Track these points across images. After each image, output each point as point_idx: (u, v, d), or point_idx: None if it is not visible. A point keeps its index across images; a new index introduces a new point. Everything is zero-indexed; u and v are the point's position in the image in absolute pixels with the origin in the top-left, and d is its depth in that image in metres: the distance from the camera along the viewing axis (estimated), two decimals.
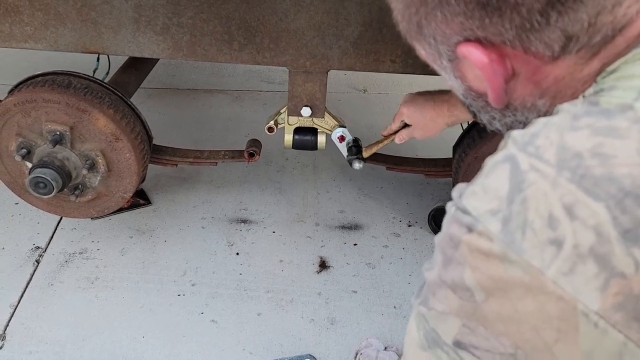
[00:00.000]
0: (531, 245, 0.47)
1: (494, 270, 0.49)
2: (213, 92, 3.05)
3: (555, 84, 0.60)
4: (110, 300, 1.76)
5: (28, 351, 1.59)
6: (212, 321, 1.71)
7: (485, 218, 0.50)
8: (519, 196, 0.48)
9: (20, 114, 1.68)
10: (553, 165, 0.48)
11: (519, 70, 0.60)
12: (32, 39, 1.61)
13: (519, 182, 0.49)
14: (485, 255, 0.50)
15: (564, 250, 0.46)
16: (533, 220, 0.47)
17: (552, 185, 0.47)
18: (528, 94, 0.62)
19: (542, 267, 0.47)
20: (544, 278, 0.47)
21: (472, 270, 0.51)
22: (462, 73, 0.65)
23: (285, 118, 1.78)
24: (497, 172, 0.52)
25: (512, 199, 0.49)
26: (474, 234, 0.51)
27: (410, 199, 2.27)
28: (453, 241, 0.53)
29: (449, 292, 0.54)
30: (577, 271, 0.46)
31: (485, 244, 0.50)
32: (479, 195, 0.52)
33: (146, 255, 1.94)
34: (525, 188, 0.48)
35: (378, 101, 3.03)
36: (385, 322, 1.73)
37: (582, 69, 0.58)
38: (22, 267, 1.86)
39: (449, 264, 0.54)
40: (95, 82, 1.73)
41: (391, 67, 1.62)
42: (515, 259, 0.48)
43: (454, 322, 0.54)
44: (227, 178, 2.34)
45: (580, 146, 0.48)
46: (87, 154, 1.72)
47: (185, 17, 1.55)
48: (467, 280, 0.52)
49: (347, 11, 1.52)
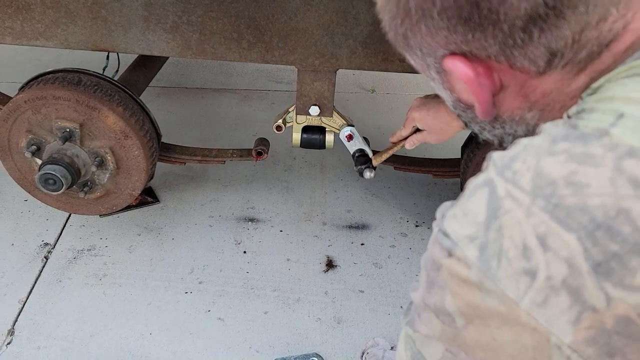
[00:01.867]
0: (506, 275, 0.47)
1: (471, 298, 0.49)
2: (222, 91, 3.06)
3: (543, 98, 0.60)
4: (118, 297, 1.77)
5: (36, 346, 1.60)
6: (219, 319, 1.71)
7: (463, 243, 0.50)
8: (495, 223, 0.48)
9: (31, 111, 1.69)
10: (528, 193, 0.47)
11: (507, 83, 0.60)
12: (43, 37, 1.62)
13: (496, 208, 0.49)
14: (464, 282, 0.50)
15: (537, 281, 0.46)
16: (508, 249, 0.47)
17: (526, 213, 0.47)
18: (517, 106, 0.62)
19: (517, 298, 0.46)
20: (519, 309, 0.47)
21: (452, 296, 0.51)
22: (451, 85, 0.65)
23: (293, 117, 1.78)
24: (477, 196, 0.51)
25: (488, 226, 0.49)
26: (454, 259, 0.50)
27: (418, 199, 2.27)
28: (435, 264, 0.53)
29: (432, 316, 0.54)
30: (550, 303, 0.45)
31: (464, 271, 0.49)
32: (458, 218, 0.52)
33: (154, 253, 1.94)
34: (501, 215, 0.48)
35: (386, 101, 3.03)
36: (391, 322, 1.73)
37: (569, 84, 0.57)
38: (30, 264, 1.88)
39: (432, 287, 0.54)
40: (105, 80, 1.74)
41: (400, 67, 1.62)
42: (491, 288, 0.48)
43: (437, 346, 0.54)
44: (235, 177, 2.35)
45: (555, 173, 0.47)
46: (96, 151, 1.73)
47: (195, 16, 1.55)
48: (448, 306, 0.52)
49: (356, 10, 1.52)
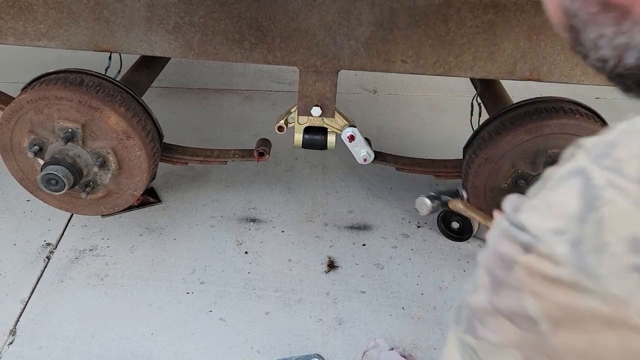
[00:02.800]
0: (610, 272, 0.41)
1: (563, 299, 0.43)
2: (223, 92, 3.06)
3: None
4: (120, 297, 1.77)
5: (38, 346, 1.60)
6: (221, 319, 1.71)
7: (548, 238, 0.44)
8: (594, 215, 0.42)
9: (33, 112, 1.69)
10: (636, 181, 0.42)
11: None
12: (45, 37, 1.62)
13: (593, 199, 0.43)
14: (551, 281, 0.44)
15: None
16: (611, 243, 0.41)
17: (636, 204, 0.41)
18: None
19: (625, 297, 0.41)
20: (627, 310, 0.41)
21: (535, 298, 0.45)
22: None
23: (295, 117, 1.78)
24: (564, 186, 0.45)
25: (583, 218, 0.43)
26: (534, 256, 0.44)
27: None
28: (505, 261, 0.47)
29: (504, 322, 0.48)
30: None
31: (550, 269, 0.43)
32: (540, 210, 0.46)
33: (155, 253, 1.94)
34: (601, 206, 0.42)
35: (388, 102, 3.03)
36: (393, 322, 1.72)
37: None
38: (32, 264, 1.88)
39: (500, 288, 0.48)
40: (107, 81, 1.75)
41: (402, 68, 1.62)
42: (590, 287, 0.42)
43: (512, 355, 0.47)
44: (237, 177, 2.35)
45: None
46: (98, 151, 1.73)
47: (197, 17, 1.56)
48: (530, 309, 0.45)
49: (359, 11, 1.52)
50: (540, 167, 1.72)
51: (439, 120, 2.86)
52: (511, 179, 1.76)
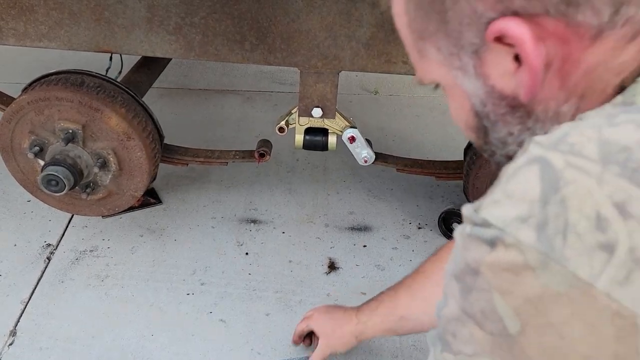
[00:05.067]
0: (575, 252, 0.40)
1: (528, 288, 0.42)
2: (224, 93, 3.06)
3: (585, 78, 0.53)
4: (120, 298, 1.77)
5: (38, 347, 1.60)
6: (221, 321, 1.71)
7: (513, 227, 0.43)
8: (556, 197, 0.41)
9: (34, 112, 1.69)
10: (596, 161, 0.41)
11: (551, 58, 0.52)
12: (46, 38, 1.62)
13: (554, 180, 0.42)
14: (515, 273, 0.42)
15: (616, 255, 0.39)
16: (576, 223, 0.40)
17: (598, 181, 0.41)
18: (553, 95, 0.55)
19: (591, 278, 0.40)
20: (594, 290, 0.40)
21: (503, 295, 0.43)
22: (486, 70, 0.56)
23: (296, 118, 1.78)
24: (522, 175, 0.45)
25: (546, 201, 0.42)
26: (499, 249, 0.43)
27: (421, 201, 2.26)
28: (472, 266, 0.46)
29: (474, 329, 0.47)
30: (635, 279, 0.39)
31: (516, 258, 0.42)
32: (501, 202, 0.45)
33: (156, 254, 1.94)
34: (563, 187, 0.42)
35: (389, 103, 3.03)
36: None
37: (618, 55, 0.51)
38: (33, 264, 1.88)
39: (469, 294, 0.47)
40: (108, 81, 1.75)
41: (403, 69, 1.62)
42: (556, 270, 0.41)
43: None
44: (238, 178, 2.35)
45: (626, 140, 0.42)
46: (98, 152, 1.73)
47: (198, 17, 1.56)
48: (499, 308, 0.44)
49: (359, 12, 1.52)
50: None
51: (440, 121, 2.85)
52: None
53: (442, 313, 0.51)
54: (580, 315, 0.40)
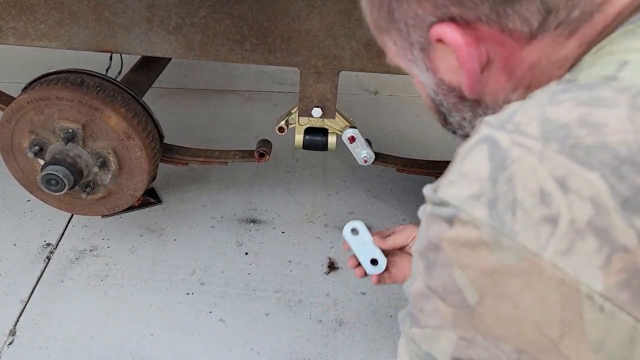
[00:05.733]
0: (524, 227, 0.42)
1: (484, 261, 0.44)
2: (224, 93, 3.06)
3: (530, 71, 0.56)
4: (120, 298, 1.77)
5: (38, 347, 1.60)
6: (221, 320, 1.71)
7: (467, 205, 0.45)
8: (504, 174, 0.44)
9: (34, 112, 1.69)
10: (538, 139, 0.44)
11: (493, 57, 0.55)
12: (46, 38, 1.62)
13: (502, 159, 0.44)
14: (472, 247, 0.45)
15: (559, 227, 0.41)
16: (523, 199, 0.43)
17: (540, 158, 0.43)
18: (500, 87, 0.58)
19: (538, 249, 0.42)
20: (541, 261, 0.42)
21: (462, 268, 0.46)
22: (434, 65, 0.60)
23: (296, 118, 1.78)
24: (473, 154, 0.47)
25: (495, 179, 0.44)
26: (457, 226, 0.46)
27: (421, 201, 2.24)
28: (433, 243, 0.48)
29: (438, 303, 0.49)
30: (576, 249, 0.41)
31: (472, 233, 0.45)
32: (455, 182, 0.47)
33: (156, 254, 1.94)
34: (510, 165, 0.44)
35: (389, 103, 3.03)
36: (393, 324, 1.72)
37: (559, 50, 0.54)
38: (33, 264, 1.88)
39: (432, 269, 0.49)
40: (108, 81, 1.75)
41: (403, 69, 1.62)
42: (507, 244, 0.43)
43: (448, 336, 0.48)
44: (237, 178, 2.35)
45: (566, 117, 0.44)
46: (98, 151, 1.73)
47: (198, 17, 1.55)
48: (459, 281, 0.46)
49: (359, 12, 1.51)
50: None
51: None
52: None
53: (410, 290, 0.54)
54: (531, 285, 0.43)
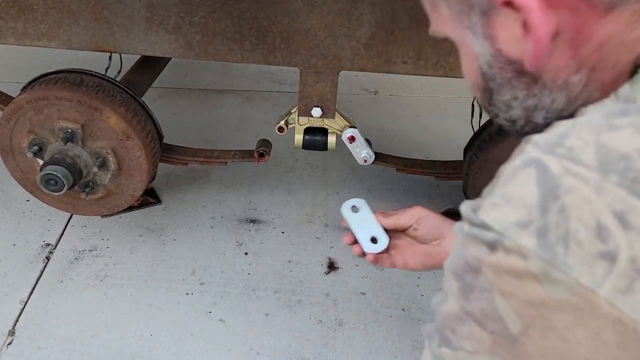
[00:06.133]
0: (577, 261, 0.40)
1: (531, 292, 0.42)
2: (224, 92, 3.06)
3: (597, 51, 0.51)
4: (119, 298, 1.77)
5: (37, 347, 1.60)
6: (220, 320, 1.71)
7: (513, 231, 0.43)
8: (555, 204, 0.41)
9: (33, 112, 1.69)
10: (595, 168, 0.41)
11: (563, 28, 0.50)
12: (45, 37, 1.62)
13: (553, 187, 0.42)
14: (518, 277, 0.43)
15: (618, 264, 0.39)
16: (577, 231, 0.41)
17: (597, 190, 0.41)
18: (564, 64, 0.53)
19: (594, 285, 0.40)
20: (597, 298, 0.40)
21: (505, 297, 0.44)
22: (495, 32, 0.54)
23: (295, 118, 1.78)
24: (519, 178, 0.44)
25: (545, 208, 0.42)
26: (500, 252, 0.43)
27: (420, 201, 2.25)
28: (471, 265, 0.46)
29: (474, 327, 0.47)
30: (636, 288, 0.39)
31: (518, 263, 0.42)
32: (500, 206, 0.45)
33: (155, 254, 1.94)
34: (562, 194, 0.41)
35: (389, 103, 3.02)
36: (393, 324, 1.72)
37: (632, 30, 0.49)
38: (32, 264, 1.87)
39: (470, 292, 0.47)
40: (107, 81, 1.74)
41: (403, 69, 1.62)
42: (558, 278, 0.41)
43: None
44: (237, 178, 2.34)
45: (625, 146, 0.41)
46: (98, 151, 1.73)
47: (198, 17, 1.55)
48: (500, 309, 0.44)
49: (359, 12, 1.52)
50: None
51: (440, 121, 2.85)
52: None
53: (440, 308, 0.52)
54: (583, 320, 0.41)
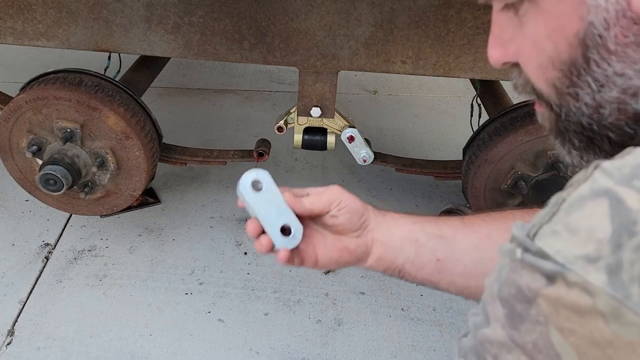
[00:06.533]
0: None
1: (596, 331, 0.39)
2: (223, 92, 3.06)
3: None
4: (118, 297, 1.77)
5: (36, 347, 1.60)
6: (219, 320, 1.71)
7: (578, 266, 0.40)
8: (631, 241, 0.38)
9: (32, 111, 1.69)
10: None
11: None
12: (44, 37, 1.61)
13: (629, 223, 0.38)
14: (580, 313, 0.40)
15: None
16: None
17: None
18: None
19: None
20: None
21: (562, 333, 0.41)
22: None
23: (295, 118, 1.78)
24: (587, 208, 0.41)
25: (619, 244, 0.38)
26: (560, 285, 0.40)
27: (420, 200, 2.26)
28: (524, 294, 0.43)
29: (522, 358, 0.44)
30: None
31: (582, 299, 0.39)
32: (562, 235, 0.41)
33: (154, 254, 1.94)
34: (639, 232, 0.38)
35: (388, 103, 3.02)
36: (392, 323, 1.72)
37: None
38: (31, 264, 1.87)
39: (521, 322, 0.44)
40: (106, 81, 1.74)
41: (401, 68, 1.62)
42: (631, 319, 0.38)
43: None
44: (236, 178, 2.30)
45: None
46: (97, 151, 1.73)
47: (197, 16, 1.55)
48: (557, 345, 0.42)
49: (358, 12, 1.52)
50: (540, 168, 1.71)
51: (439, 121, 2.85)
52: (511, 180, 1.75)
53: (481, 331, 0.49)
54: None
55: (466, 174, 1.84)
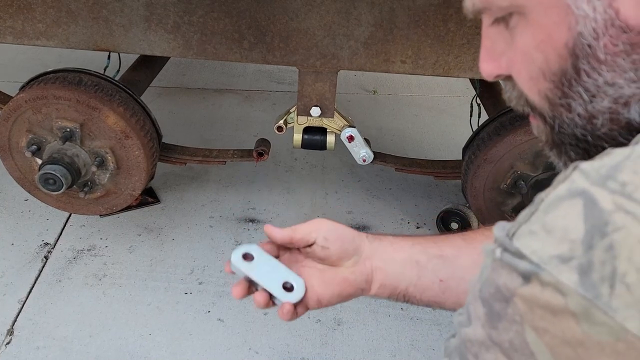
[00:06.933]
0: (624, 304, 0.38)
1: (567, 331, 0.40)
2: (223, 92, 3.06)
3: None
4: (118, 297, 1.77)
5: (35, 347, 1.60)
6: (219, 320, 1.71)
7: (552, 265, 0.40)
8: (603, 242, 0.39)
9: (31, 111, 1.69)
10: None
11: None
12: (44, 36, 1.61)
13: (601, 224, 0.39)
14: (553, 313, 0.40)
15: None
16: (625, 273, 0.38)
17: None
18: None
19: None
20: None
21: (538, 332, 0.42)
22: None
23: (294, 118, 1.78)
24: (563, 208, 0.41)
25: (590, 244, 0.39)
26: (536, 285, 0.41)
27: (419, 200, 2.26)
28: (502, 293, 0.44)
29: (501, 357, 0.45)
30: None
31: (555, 298, 0.40)
32: (539, 235, 0.42)
33: (154, 253, 1.94)
34: (611, 232, 0.39)
35: (388, 102, 3.02)
36: (392, 323, 1.72)
37: None
38: (30, 263, 1.87)
39: (498, 321, 0.45)
40: (105, 80, 1.74)
41: (401, 68, 1.62)
42: (601, 319, 0.38)
43: None
44: (236, 177, 2.34)
45: None
46: (96, 151, 1.73)
47: (196, 16, 1.55)
48: (532, 344, 0.42)
49: (358, 11, 1.52)
50: (540, 168, 1.71)
51: (439, 121, 2.85)
52: (510, 180, 1.75)
53: (464, 330, 0.50)
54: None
55: (466, 174, 1.84)
